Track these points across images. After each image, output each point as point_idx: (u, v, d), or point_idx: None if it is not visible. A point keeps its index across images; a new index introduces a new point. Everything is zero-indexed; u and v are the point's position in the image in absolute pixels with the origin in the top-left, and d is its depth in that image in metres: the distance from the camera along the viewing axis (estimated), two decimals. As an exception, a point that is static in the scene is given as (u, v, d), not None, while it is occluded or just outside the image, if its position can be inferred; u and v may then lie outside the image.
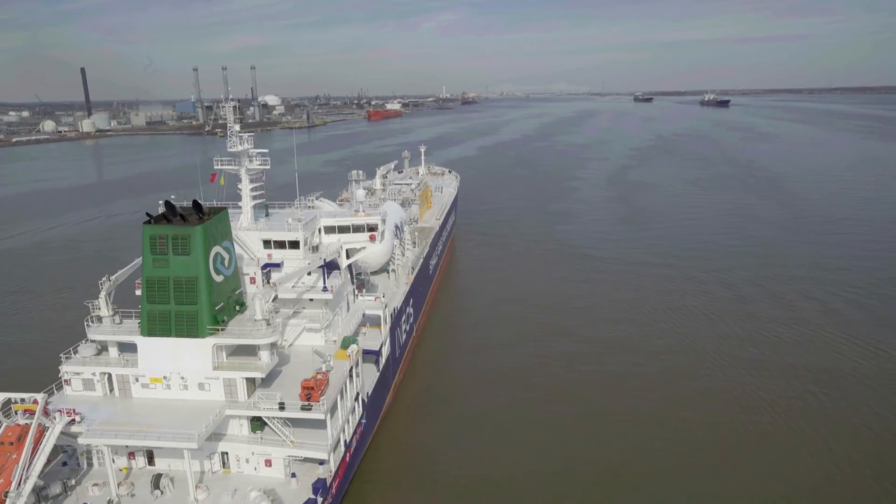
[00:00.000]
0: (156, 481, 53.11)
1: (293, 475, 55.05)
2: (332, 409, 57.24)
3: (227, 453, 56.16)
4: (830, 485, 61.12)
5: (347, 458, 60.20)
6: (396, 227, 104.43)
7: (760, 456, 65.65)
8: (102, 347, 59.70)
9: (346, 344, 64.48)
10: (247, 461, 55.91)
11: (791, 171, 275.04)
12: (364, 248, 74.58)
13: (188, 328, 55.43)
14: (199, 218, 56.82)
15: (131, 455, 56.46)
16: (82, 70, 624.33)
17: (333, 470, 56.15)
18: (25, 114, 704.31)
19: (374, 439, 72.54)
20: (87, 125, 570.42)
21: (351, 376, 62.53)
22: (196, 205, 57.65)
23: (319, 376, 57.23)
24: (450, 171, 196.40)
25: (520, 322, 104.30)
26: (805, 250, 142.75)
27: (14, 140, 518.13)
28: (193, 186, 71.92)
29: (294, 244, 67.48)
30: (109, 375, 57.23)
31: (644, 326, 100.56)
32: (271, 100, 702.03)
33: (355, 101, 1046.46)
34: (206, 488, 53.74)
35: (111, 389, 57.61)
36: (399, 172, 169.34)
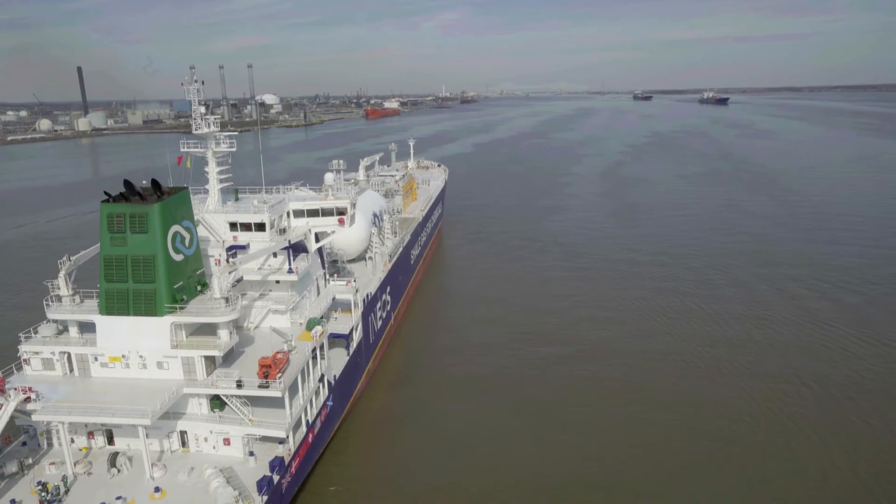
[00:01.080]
0: (112, 459, 53.01)
1: (251, 454, 54.91)
2: (292, 389, 57.12)
3: (185, 432, 56.01)
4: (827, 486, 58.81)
5: (310, 439, 60.03)
6: (375, 215, 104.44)
7: (761, 459, 64.56)
8: (64, 328, 59.58)
9: (310, 325, 64.32)
10: (205, 440, 55.77)
11: (786, 166, 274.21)
12: (333, 231, 74.17)
13: (146, 307, 55.29)
14: (158, 197, 56.69)
15: (91, 435, 56.39)
16: (79, 69, 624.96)
17: (293, 449, 56.00)
18: (24, 113, 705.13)
19: (344, 422, 72.53)
20: (83, 124, 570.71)
21: (315, 357, 62.43)
22: (155, 184, 57.51)
23: (280, 356, 57.02)
24: (439, 165, 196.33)
25: (499, 317, 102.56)
26: (795, 245, 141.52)
27: (9, 139, 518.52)
28: (184, 178, 71.58)
29: (260, 226, 67.31)
30: (69, 355, 57.05)
31: (629, 325, 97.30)
32: (269, 99, 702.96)
33: (354, 101, 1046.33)
34: (164, 466, 53.67)
35: (71, 369, 57.43)
36: (388, 166, 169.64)
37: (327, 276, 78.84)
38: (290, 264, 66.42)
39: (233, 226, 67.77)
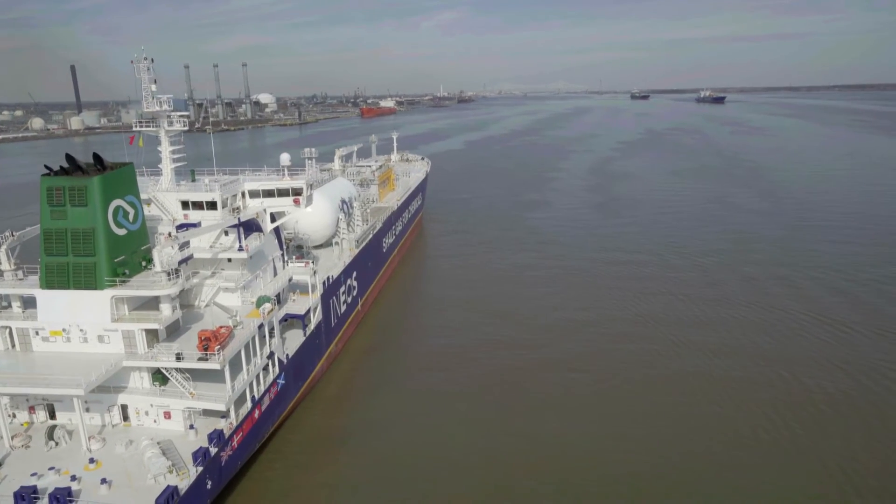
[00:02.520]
0: (50, 433, 52.98)
1: (192, 427, 54.86)
2: (235, 364, 57.07)
3: (126, 406, 55.99)
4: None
5: (256, 415, 59.93)
6: (343, 201, 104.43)
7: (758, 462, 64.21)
8: (8, 303, 59.51)
9: (259, 303, 64.26)
10: (146, 414, 55.77)
11: (776, 161, 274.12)
12: (289, 212, 74.12)
13: (86, 280, 55.22)
14: (99, 171, 56.61)
15: (32, 409, 56.37)
16: (72, 67, 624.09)
17: (235, 424, 55.90)
18: (18, 113, 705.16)
19: (300, 403, 72.51)
20: (75, 122, 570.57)
21: (262, 334, 62.38)
22: (97, 158, 57.46)
23: (223, 330, 56.96)
24: (422, 159, 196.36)
25: (469, 307, 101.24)
26: (776, 235, 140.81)
27: (0, 137, 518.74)
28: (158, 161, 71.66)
29: (211, 205, 67.28)
30: (10, 329, 57.00)
31: (605, 321, 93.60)
32: (264, 98, 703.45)
33: (351, 101, 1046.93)
34: (103, 440, 53.66)
35: (13, 344, 57.37)
36: (368, 158, 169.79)
37: (285, 258, 78.73)
38: (240, 242, 66.30)
39: (184, 204, 67.80)
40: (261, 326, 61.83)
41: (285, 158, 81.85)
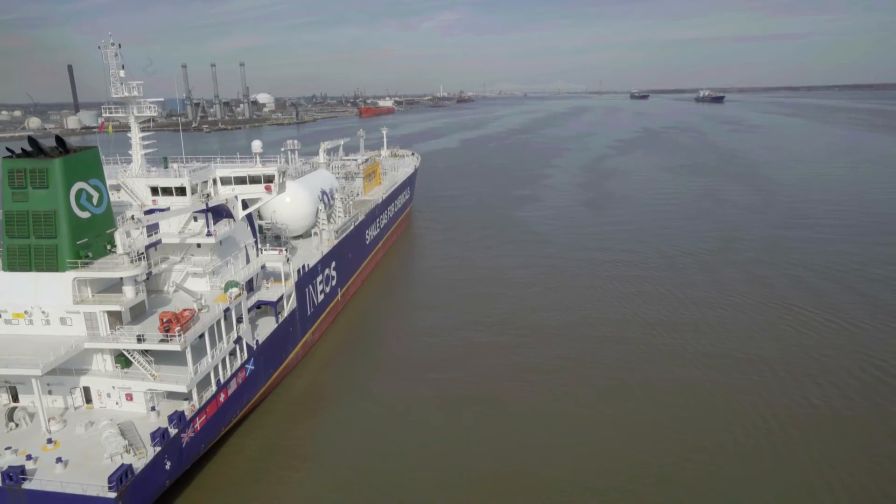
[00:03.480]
0: (10, 414, 53.01)
1: (153, 409, 54.87)
2: (199, 346, 57.14)
3: (89, 388, 56.01)
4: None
5: (222, 399, 59.95)
6: (324, 192, 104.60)
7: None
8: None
9: (227, 287, 64.36)
10: (108, 396, 55.79)
11: (770, 158, 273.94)
12: (261, 199, 74.06)
13: (48, 262, 55.27)
14: (61, 153, 56.67)
15: (-6, 392, 56.35)
16: (69, 67, 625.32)
17: (198, 406, 55.91)
18: (17, 113, 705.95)
19: (274, 389, 72.61)
20: (72, 122, 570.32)
21: (229, 319, 62.40)
22: (59, 140, 57.55)
23: (186, 312, 57.00)
24: (412, 154, 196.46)
25: (452, 302, 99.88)
26: (765, 231, 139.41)
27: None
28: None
29: (180, 191, 67.31)
30: (-26, 312, 57.00)
31: (587, 315, 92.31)
32: (262, 98, 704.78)
33: (350, 101, 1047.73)
34: (64, 421, 53.76)
35: (-23, 327, 57.38)
36: (360, 153, 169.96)
37: (259, 246, 78.75)
38: (208, 227, 66.30)
39: (154, 190, 67.87)
40: (227, 311, 61.84)
41: (257, 146, 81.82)
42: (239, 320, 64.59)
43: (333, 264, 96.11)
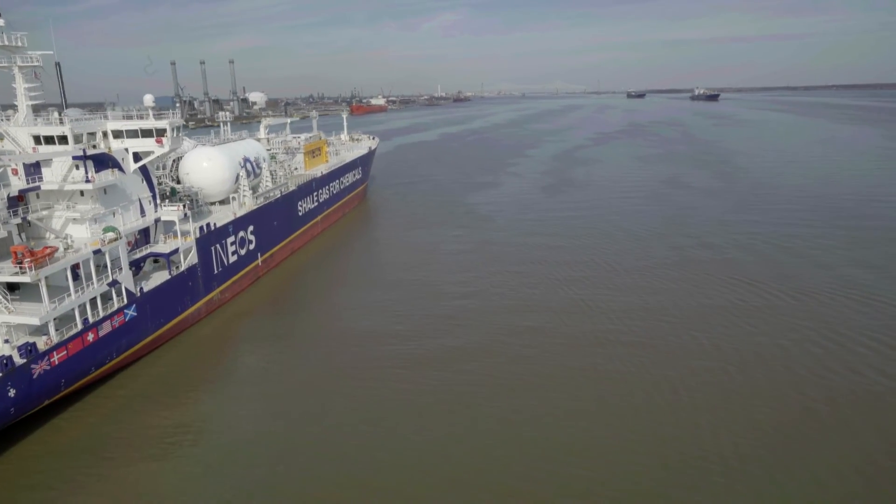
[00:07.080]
0: None
1: (7, 341, 55.64)
2: (59, 281, 57.96)
3: (-57, 322, 56.79)
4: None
5: (90, 338, 60.63)
6: (247, 160, 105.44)
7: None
8: None
9: (104, 231, 65.29)
10: (-38, 328, 56.53)
11: (747, 148, 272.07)
12: (153, 152, 74.81)
13: None
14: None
15: None
16: (57, 65, 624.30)
17: (55, 340, 56.60)
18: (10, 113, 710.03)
19: (168, 341, 73.37)
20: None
21: (102, 261, 63.31)
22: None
23: (47, 249, 57.83)
24: (371, 138, 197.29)
25: (381, 278, 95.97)
26: (715, 215, 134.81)
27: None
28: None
29: (63, 139, 68.04)
30: None
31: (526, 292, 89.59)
32: (253, 96, 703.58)
33: (346, 100, 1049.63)
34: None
35: None
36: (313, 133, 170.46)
37: (157, 200, 79.54)
38: (86, 173, 67.08)
39: (36, 139, 68.61)
40: (98, 252, 62.63)
41: (149, 99, 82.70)
42: (116, 264, 65.34)
43: (251, 228, 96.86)
